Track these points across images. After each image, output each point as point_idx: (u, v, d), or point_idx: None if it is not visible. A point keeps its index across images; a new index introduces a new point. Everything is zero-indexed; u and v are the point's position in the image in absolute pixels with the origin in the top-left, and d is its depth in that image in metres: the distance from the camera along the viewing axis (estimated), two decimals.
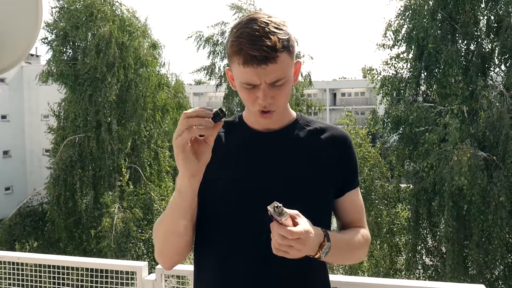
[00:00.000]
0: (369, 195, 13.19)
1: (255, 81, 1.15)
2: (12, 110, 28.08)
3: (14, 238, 14.98)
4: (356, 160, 1.36)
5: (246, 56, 1.12)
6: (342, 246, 1.23)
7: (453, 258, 10.92)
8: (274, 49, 1.12)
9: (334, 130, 1.34)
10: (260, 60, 1.12)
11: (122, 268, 2.43)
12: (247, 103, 1.22)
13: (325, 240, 1.13)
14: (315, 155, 1.28)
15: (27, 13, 2.05)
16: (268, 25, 1.14)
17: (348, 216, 1.34)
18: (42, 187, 16.35)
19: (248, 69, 1.13)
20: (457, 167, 10.17)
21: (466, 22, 11.88)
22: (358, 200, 1.36)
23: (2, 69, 2.21)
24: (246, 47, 1.12)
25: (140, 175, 15.22)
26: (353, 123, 14.78)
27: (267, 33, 1.13)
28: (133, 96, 15.02)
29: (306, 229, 1.05)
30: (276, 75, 1.15)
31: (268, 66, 1.13)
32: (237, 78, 1.19)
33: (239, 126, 1.32)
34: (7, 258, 2.65)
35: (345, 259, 1.32)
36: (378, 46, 13.46)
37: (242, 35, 1.13)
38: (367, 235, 1.34)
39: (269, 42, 1.12)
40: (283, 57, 1.15)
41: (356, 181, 1.35)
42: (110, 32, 14.60)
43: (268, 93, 1.17)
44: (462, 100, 11.65)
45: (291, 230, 1.03)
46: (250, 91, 1.18)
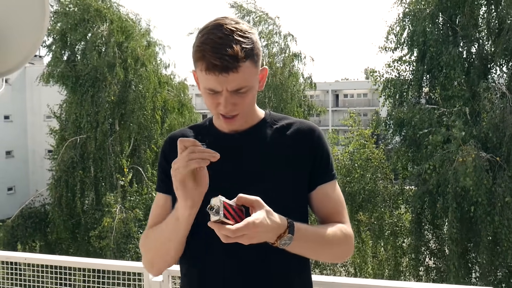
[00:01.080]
0: (372, 197, 13.18)
1: (217, 88, 1.17)
2: (15, 110, 28.14)
3: (16, 239, 15.01)
4: (328, 152, 1.32)
5: (208, 64, 1.13)
6: (314, 239, 1.19)
7: (457, 260, 10.89)
8: (236, 58, 1.13)
9: (301, 124, 1.33)
10: (221, 68, 1.13)
11: (128, 269, 2.42)
12: (210, 107, 1.24)
13: (285, 232, 1.10)
14: (282, 151, 1.28)
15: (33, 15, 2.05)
16: (233, 32, 1.14)
17: (323, 209, 1.30)
18: (44, 188, 16.38)
19: (210, 76, 1.14)
20: (462, 168, 10.15)
21: (466, 24, 11.92)
22: (335, 194, 1.31)
23: (7, 70, 2.21)
24: (208, 55, 1.13)
25: (141, 176, 15.24)
26: (356, 124, 14.76)
27: (230, 42, 1.13)
28: (132, 96, 15.05)
29: (251, 223, 1.03)
30: (237, 84, 1.16)
31: (230, 75, 1.13)
32: (201, 83, 1.20)
33: (208, 129, 1.34)
34: (13, 259, 2.65)
35: (321, 254, 1.29)
36: (380, 49, 13.49)
37: (206, 41, 1.14)
38: (347, 230, 1.28)
39: (231, 51, 1.12)
40: (246, 66, 1.15)
41: (329, 174, 1.31)
42: (109, 32, 14.64)
43: (229, 100, 1.18)
44: (464, 102, 11.66)
45: (233, 229, 1.01)
46: (212, 96, 1.19)
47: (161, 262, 1.30)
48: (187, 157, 1.07)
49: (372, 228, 13.17)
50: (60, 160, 14.92)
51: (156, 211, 1.33)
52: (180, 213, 1.16)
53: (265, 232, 1.06)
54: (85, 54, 15.10)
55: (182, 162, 1.08)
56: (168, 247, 1.24)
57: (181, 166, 1.08)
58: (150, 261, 1.32)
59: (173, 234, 1.22)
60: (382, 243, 13.32)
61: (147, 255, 1.32)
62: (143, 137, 15.72)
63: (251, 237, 1.05)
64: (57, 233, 14.83)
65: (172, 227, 1.21)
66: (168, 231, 1.22)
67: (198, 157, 1.07)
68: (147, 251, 1.31)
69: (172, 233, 1.22)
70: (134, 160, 15.73)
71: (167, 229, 1.22)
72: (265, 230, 1.06)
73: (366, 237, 13.31)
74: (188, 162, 1.07)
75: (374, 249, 13.56)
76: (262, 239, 1.08)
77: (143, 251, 1.32)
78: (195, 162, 1.07)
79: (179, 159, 1.09)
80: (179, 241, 1.23)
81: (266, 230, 1.06)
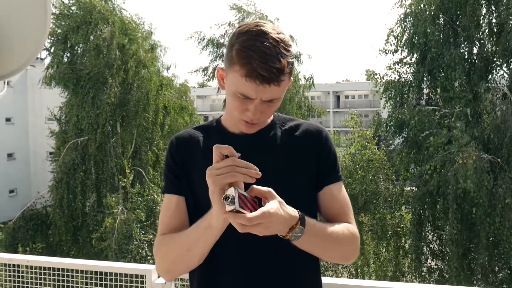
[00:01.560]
0: (374, 198, 13.17)
1: (251, 96, 1.17)
2: (16, 112, 28.19)
3: (17, 241, 15.02)
4: (335, 153, 1.34)
5: (252, 72, 1.12)
6: (323, 234, 1.20)
7: (457, 261, 10.87)
8: (282, 72, 1.14)
9: (309, 125, 1.35)
10: (265, 80, 1.13)
11: (131, 271, 2.42)
12: (235, 111, 1.23)
13: (297, 224, 1.10)
14: (290, 152, 1.30)
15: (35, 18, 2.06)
16: (279, 44, 1.14)
17: (329, 210, 1.31)
18: (46, 190, 16.40)
19: (250, 83, 1.14)
20: (463, 170, 10.14)
21: (468, 25, 11.88)
22: (341, 195, 1.33)
23: (9, 73, 2.21)
24: (256, 64, 1.12)
25: (143, 177, 15.25)
26: (358, 125, 14.75)
27: (278, 54, 1.13)
28: (134, 98, 15.06)
29: (267, 212, 1.03)
30: (273, 95, 1.17)
31: (270, 87, 1.14)
32: (233, 85, 1.19)
33: (217, 129, 1.34)
34: (16, 261, 2.65)
35: (328, 251, 1.26)
36: (380, 51, 13.48)
37: (253, 48, 1.13)
38: (354, 230, 1.29)
39: (279, 65, 1.13)
40: (285, 80, 1.17)
41: (335, 175, 1.33)
42: (111, 34, 14.67)
43: (259, 108, 1.19)
44: (465, 103, 11.63)
45: (249, 217, 1.01)
46: (242, 101, 1.19)
47: (181, 269, 1.28)
48: (232, 168, 1.05)
49: (374, 229, 13.15)
50: (61, 162, 14.94)
51: (168, 214, 1.30)
52: (216, 220, 1.11)
53: (278, 222, 1.06)
54: (86, 56, 15.13)
55: (225, 169, 1.05)
56: (194, 254, 1.21)
57: (225, 174, 1.05)
58: (167, 268, 1.28)
59: (201, 242, 1.18)
60: (384, 244, 13.30)
61: (164, 262, 1.28)
62: (144, 139, 15.73)
63: (266, 227, 1.04)
64: (58, 235, 14.84)
65: (201, 234, 1.17)
66: (195, 239, 1.19)
67: (246, 173, 1.05)
68: (164, 258, 1.27)
69: (201, 241, 1.18)
70: (135, 162, 15.75)
71: (195, 236, 1.19)
72: (278, 220, 1.05)
73: (368, 238, 13.29)
74: (233, 173, 1.04)
75: (376, 250, 13.54)
76: (275, 230, 1.07)
77: (158, 258, 1.28)
78: (242, 176, 1.05)
79: (220, 166, 1.06)
80: (207, 248, 1.20)
81: (280, 220, 1.06)
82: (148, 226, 14.04)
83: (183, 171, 1.30)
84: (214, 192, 1.06)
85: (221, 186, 1.05)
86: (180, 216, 1.28)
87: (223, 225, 1.12)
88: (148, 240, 13.72)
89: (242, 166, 1.06)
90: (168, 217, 1.30)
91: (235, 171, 1.05)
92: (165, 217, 1.30)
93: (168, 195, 1.31)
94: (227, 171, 1.05)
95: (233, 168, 1.05)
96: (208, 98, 42.22)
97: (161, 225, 1.31)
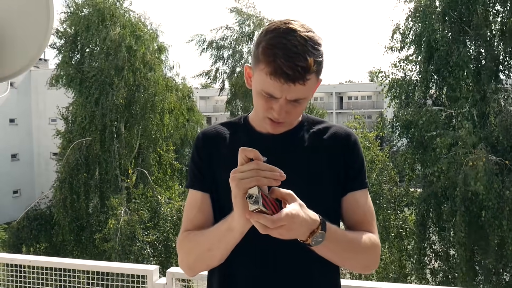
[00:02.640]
0: (377, 199, 13.13)
1: (276, 94, 1.15)
2: (20, 113, 28.30)
3: (21, 242, 15.08)
4: (363, 159, 1.31)
5: (277, 70, 1.10)
6: (343, 241, 1.18)
7: (465, 264, 10.78)
8: (307, 70, 1.11)
9: (338, 128, 1.32)
10: (290, 78, 1.11)
11: (132, 272, 2.43)
12: (260, 109, 1.21)
13: (318, 228, 1.08)
14: (318, 155, 1.27)
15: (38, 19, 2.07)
16: (307, 42, 1.12)
17: (352, 216, 1.28)
18: (49, 190, 16.45)
19: (274, 82, 1.12)
20: (473, 172, 9.98)
21: (479, 24, 11.58)
22: (365, 203, 1.29)
23: (13, 74, 2.23)
24: (280, 61, 1.10)
25: (146, 178, 15.27)
26: (361, 127, 14.72)
27: (305, 52, 1.11)
28: (141, 100, 15.10)
29: (290, 213, 1.01)
30: (298, 94, 1.15)
31: (295, 86, 1.12)
32: (258, 84, 1.18)
33: (245, 127, 1.32)
34: (18, 261, 2.66)
35: (347, 259, 1.23)
36: (386, 49, 13.32)
37: (279, 46, 1.11)
38: (376, 240, 1.26)
39: (305, 63, 1.10)
40: (312, 79, 1.14)
41: (361, 182, 1.30)
42: (120, 36, 14.72)
43: (284, 107, 1.17)
44: (473, 104, 11.45)
45: (272, 218, 0.99)
46: (267, 100, 1.18)
47: (203, 267, 1.27)
48: (256, 172, 1.02)
49: (379, 230, 13.12)
50: (65, 162, 14.99)
51: (193, 211, 1.29)
52: (237, 224, 1.09)
53: (300, 225, 1.04)
54: (94, 57, 15.17)
55: (250, 173, 1.02)
56: (214, 254, 1.20)
57: (249, 178, 1.02)
58: (190, 265, 1.28)
59: (222, 243, 1.17)
60: (387, 246, 13.25)
61: (187, 258, 1.27)
62: (148, 140, 15.75)
63: (289, 229, 1.02)
64: (62, 235, 14.88)
65: (222, 236, 1.16)
66: (216, 240, 1.18)
67: (270, 177, 1.03)
68: (188, 254, 1.27)
69: (222, 242, 1.17)
70: (139, 163, 15.79)
71: (216, 237, 1.18)
72: (301, 222, 1.03)
73: None
74: (258, 178, 1.02)
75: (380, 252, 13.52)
76: (297, 233, 1.05)
77: (182, 253, 1.28)
78: (267, 181, 1.03)
79: (245, 169, 1.03)
80: (228, 250, 1.18)
81: (302, 223, 1.04)
82: (152, 227, 14.06)
83: (208, 167, 1.29)
84: (237, 196, 1.05)
85: (244, 191, 1.03)
86: (205, 213, 1.27)
87: (244, 228, 1.10)
88: (150, 241, 13.74)
89: (266, 169, 1.03)
90: (193, 214, 1.28)
91: (259, 175, 1.03)
92: (190, 213, 1.29)
93: (193, 191, 1.30)
94: (251, 175, 1.02)
95: (257, 172, 1.03)
96: (211, 99, 42.26)
97: (186, 221, 1.30)
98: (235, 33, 17.92)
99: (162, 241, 13.97)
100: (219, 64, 18.28)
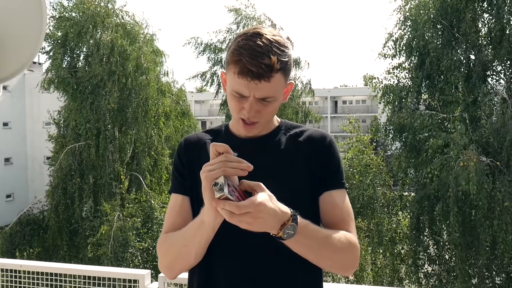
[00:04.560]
0: (371, 203, 13.15)
1: (244, 93, 1.20)
2: (14, 117, 28.17)
3: (14, 247, 14.96)
4: (339, 160, 1.33)
5: (243, 68, 1.17)
6: (317, 237, 1.17)
7: (460, 265, 10.86)
8: (271, 68, 1.17)
9: (313, 131, 1.36)
10: (254, 75, 1.16)
11: (124, 276, 2.42)
12: (233, 110, 1.26)
13: (289, 220, 1.08)
14: (293, 158, 1.30)
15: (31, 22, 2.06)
16: (272, 43, 1.18)
17: (329, 216, 1.28)
18: (43, 195, 16.34)
19: (241, 80, 1.18)
20: (464, 173, 10.14)
21: (467, 31, 11.94)
22: (342, 203, 1.30)
23: (6, 77, 2.21)
24: (245, 60, 1.16)
25: (140, 183, 15.20)
26: (356, 130, 14.78)
27: (269, 52, 1.17)
28: (133, 104, 15.01)
29: (255, 200, 1.03)
30: (266, 93, 1.20)
31: (261, 83, 1.17)
32: (229, 85, 1.24)
33: (225, 134, 1.37)
34: (9, 266, 2.64)
35: (323, 257, 1.22)
36: (379, 55, 13.53)
37: (245, 46, 1.18)
38: (353, 239, 1.25)
39: (268, 61, 1.16)
40: (277, 78, 1.19)
41: (338, 182, 1.31)
42: (112, 41, 14.64)
43: (254, 106, 1.22)
44: (464, 107, 11.67)
45: (237, 204, 1.02)
46: (238, 100, 1.23)
47: (180, 266, 1.29)
48: (224, 163, 1.07)
49: (371, 234, 13.14)
50: (58, 167, 14.88)
51: (173, 214, 1.32)
52: (207, 216, 1.13)
53: (268, 213, 1.05)
54: (86, 60, 15.09)
55: (217, 165, 1.07)
56: (189, 250, 1.23)
57: (216, 169, 1.07)
58: (167, 265, 1.31)
59: (196, 238, 1.20)
60: (381, 250, 13.27)
61: (164, 259, 1.30)
62: (142, 144, 15.66)
63: (255, 217, 1.03)
64: (52, 239, 14.77)
65: (195, 230, 1.19)
66: (191, 235, 1.21)
67: (237, 167, 1.08)
68: (165, 255, 1.30)
69: (195, 237, 1.20)
70: (133, 168, 15.69)
71: (190, 233, 1.21)
72: (268, 211, 1.05)
73: (365, 244, 13.27)
74: (224, 168, 1.07)
75: (374, 256, 13.51)
76: (265, 223, 1.06)
77: (160, 255, 1.31)
78: (233, 170, 1.08)
79: (214, 162, 1.09)
80: (202, 246, 1.21)
81: (270, 212, 1.05)
82: (144, 233, 13.97)
83: (189, 171, 1.32)
84: (205, 188, 1.08)
85: (212, 182, 1.06)
86: (184, 216, 1.30)
87: (214, 221, 1.13)
88: (142, 248, 13.65)
89: (233, 161, 1.08)
90: (173, 216, 1.32)
91: (226, 166, 1.07)
92: (170, 216, 1.33)
93: (174, 195, 1.34)
94: (219, 167, 1.07)
95: (224, 164, 1.07)
96: (206, 103, 42.26)
97: (166, 223, 1.33)
98: (233, 35, 17.81)
99: (155, 246, 13.88)
100: (216, 67, 18.18)
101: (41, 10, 2.09)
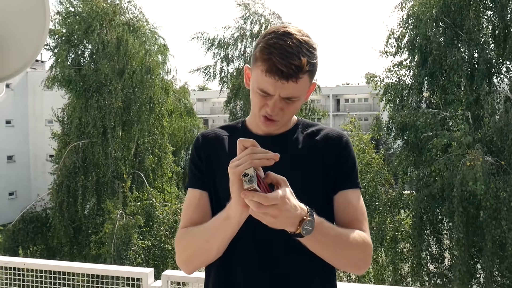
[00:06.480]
0: (372, 202, 13.13)
1: (270, 91, 1.21)
2: (17, 115, 28.21)
3: (17, 244, 15.00)
4: (354, 160, 1.35)
5: (272, 67, 1.17)
6: (332, 235, 1.19)
7: (463, 265, 10.81)
8: (300, 69, 1.18)
9: (330, 130, 1.38)
10: (284, 75, 1.17)
11: (128, 275, 2.42)
12: (256, 106, 1.27)
13: (307, 216, 1.09)
14: (310, 156, 1.32)
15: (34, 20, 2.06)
16: (301, 44, 1.19)
17: (343, 215, 1.30)
18: (45, 192, 16.36)
19: (269, 79, 1.19)
20: (471, 172, 10.07)
21: (471, 28, 11.85)
22: (357, 202, 1.31)
23: (9, 75, 2.22)
24: (275, 59, 1.17)
25: (143, 181, 15.20)
26: (356, 129, 14.75)
27: (299, 53, 1.18)
28: (138, 102, 15.00)
29: (283, 194, 1.04)
30: (291, 92, 1.21)
31: (288, 83, 1.18)
32: (255, 82, 1.24)
33: (242, 130, 1.38)
34: (12, 264, 2.65)
35: (337, 255, 1.22)
36: (381, 53, 13.47)
37: (275, 45, 1.18)
38: (367, 238, 1.27)
39: (298, 62, 1.17)
40: (304, 79, 1.21)
41: (352, 181, 1.33)
42: (118, 39, 14.60)
43: (278, 104, 1.23)
44: (467, 106, 11.61)
45: (265, 195, 1.03)
46: (262, 97, 1.24)
47: (200, 261, 1.29)
48: (250, 156, 1.07)
49: (374, 233, 13.11)
50: (62, 165, 14.89)
51: (191, 208, 1.32)
52: (233, 211, 1.13)
53: (290, 210, 1.06)
54: (91, 58, 15.04)
55: (244, 159, 1.07)
56: (212, 246, 1.23)
57: (243, 163, 1.07)
58: (185, 260, 1.30)
59: (219, 233, 1.20)
60: (383, 249, 13.25)
61: (182, 254, 1.30)
62: (146, 142, 15.64)
63: (280, 209, 1.04)
64: (57, 238, 14.79)
65: (219, 225, 1.19)
66: (214, 230, 1.21)
67: (263, 157, 1.08)
68: (185, 248, 1.29)
69: (219, 232, 1.20)
70: (136, 166, 15.69)
71: (214, 227, 1.21)
72: (291, 206, 1.06)
73: None
74: (251, 160, 1.07)
75: (375, 255, 13.50)
76: (287, 218, 1.07)
77: (178, 250, 1.30)
78: (260, 161, 1.08)
79: (240, 157, 1.09)
80: (225, 241, 1.21)
81: (292, 207, 1.06)
82: (147, 232, 13.97)
83: (207, 167, 1.33)
84: (233, 182, 1.08)
85: (240, 176, 1.06)
86: (202, 210, 1.30)
87: (240, 216, 1.13)
88: (145, 247, 13.66)
89: (259, 152, 1.08)
90: (191, 211, 1.32)
91: (253, 158, 1.07)
92: (188, 210, 1.33)
93: (192, 189, 1.34)
94: (245, 160, 1.07)
95: (251, 156, 1.07)
96: (208, 101, 42.24)
97: (184, 218, 1.33)
98: (241, 31, 17.70)
99: (158, 244, 13.91)
100: (223, 64, 18.09)
101: (44, 8, 2.09)
